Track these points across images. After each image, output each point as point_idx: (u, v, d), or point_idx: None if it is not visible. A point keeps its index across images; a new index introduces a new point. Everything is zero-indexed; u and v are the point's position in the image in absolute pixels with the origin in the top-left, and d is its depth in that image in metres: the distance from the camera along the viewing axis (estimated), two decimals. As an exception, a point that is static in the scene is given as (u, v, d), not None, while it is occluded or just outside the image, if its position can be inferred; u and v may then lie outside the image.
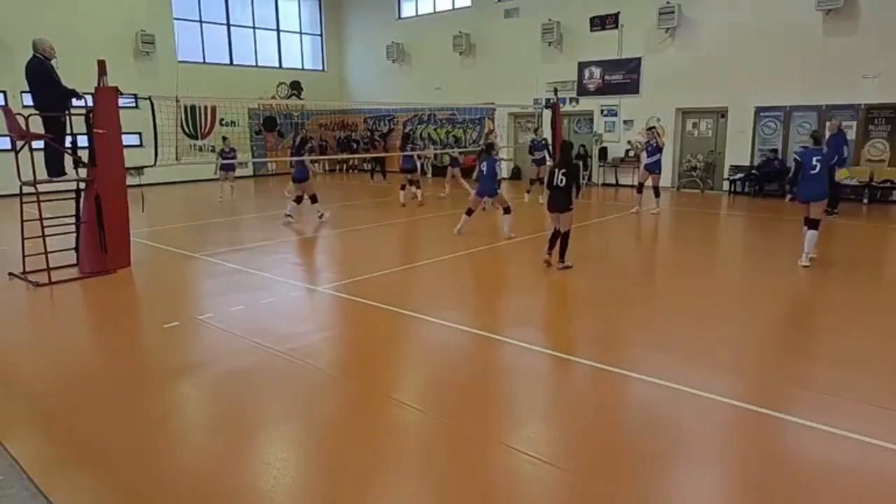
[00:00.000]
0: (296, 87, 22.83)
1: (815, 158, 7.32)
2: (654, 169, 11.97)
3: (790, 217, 11.69)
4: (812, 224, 7.39)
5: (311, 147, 13.03)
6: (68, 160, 7.68)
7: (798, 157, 7.52)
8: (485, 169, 9.62)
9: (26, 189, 7.16)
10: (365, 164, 22.47)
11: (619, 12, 16.23)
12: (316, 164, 13.60)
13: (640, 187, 12.22)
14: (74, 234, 7.81)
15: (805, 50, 13.48)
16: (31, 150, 7.09)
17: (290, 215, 11.19)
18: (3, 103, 15.29)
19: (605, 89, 16.91)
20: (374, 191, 17.03)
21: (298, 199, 11.45)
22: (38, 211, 7.02)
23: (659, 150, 11.89)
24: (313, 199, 11.36)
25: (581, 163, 17.32)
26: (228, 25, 20.95)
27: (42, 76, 7.28)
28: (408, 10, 21.57)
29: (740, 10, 14.29)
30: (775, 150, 14.20)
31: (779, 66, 13.89)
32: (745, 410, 3.82)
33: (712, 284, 6.99)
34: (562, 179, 7.30)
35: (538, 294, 6.73)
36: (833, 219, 11.15)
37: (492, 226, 10.43)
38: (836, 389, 4.09)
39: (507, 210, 9.56)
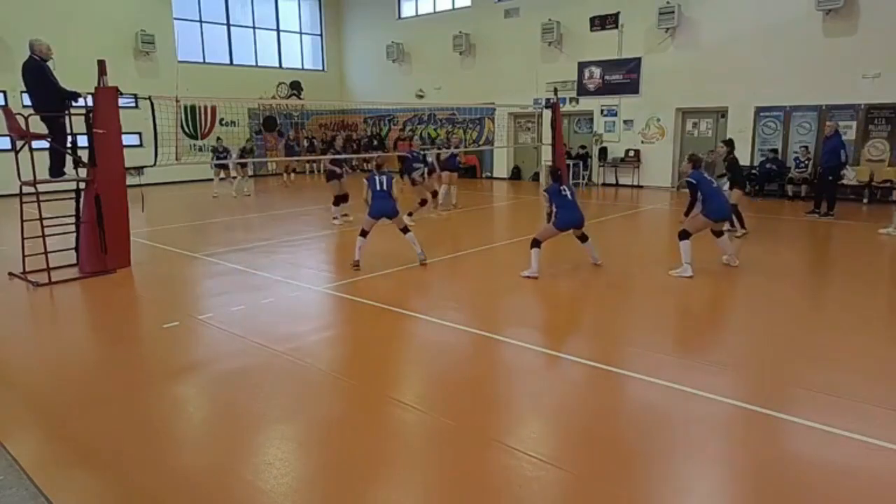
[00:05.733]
0: (296, 87, 22.82)
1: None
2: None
3: (789, 217, 11.71)
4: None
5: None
6: (68, 160, 7.68)
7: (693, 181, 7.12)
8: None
9: (26, 189, 7.16)
10: (365, 165, 22.50)
11: (619, 12, 16.23)
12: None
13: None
14: (74, 234, 7.81)
15: (805, 50, 13.49)
16: (31, 150, 7.09)
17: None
18: (2, 103, 15.29)
19: (605, 89, 16.92)
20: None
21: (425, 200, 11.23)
22: (38, 211, 7.02)
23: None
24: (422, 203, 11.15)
25: (582, 162, 17.40)
26: (228, 25, 20.95)
27: (37, 77, 7.26)
28: (408, 10, 21.57)
29: (740, 9, 14.29)
30: (775, 150, 14.18)
31: (779, 66, 13.89)
32: (745, 410, 3.82)
33: (711, 284, 6.98)
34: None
35: (537, 294, 6.72)
36: (829, 220, 11.13)
37: (492, 229, 10.40)
38: (837, 389, 4.09)
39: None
